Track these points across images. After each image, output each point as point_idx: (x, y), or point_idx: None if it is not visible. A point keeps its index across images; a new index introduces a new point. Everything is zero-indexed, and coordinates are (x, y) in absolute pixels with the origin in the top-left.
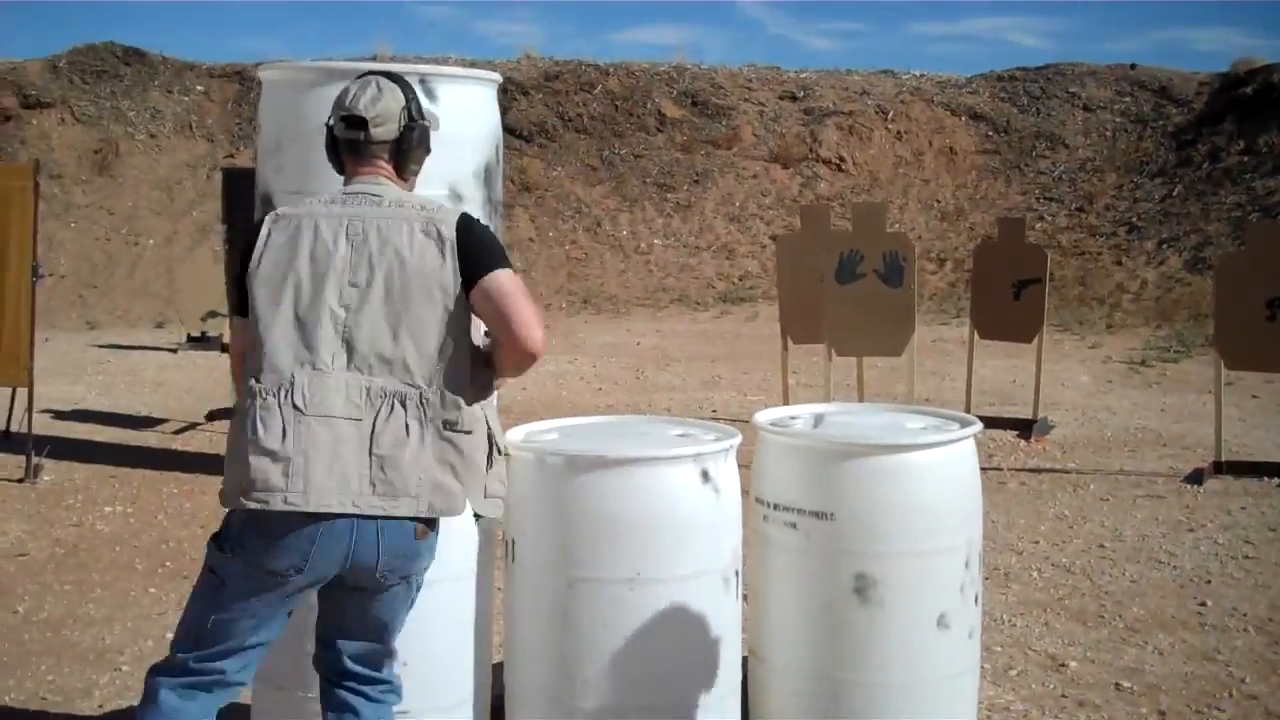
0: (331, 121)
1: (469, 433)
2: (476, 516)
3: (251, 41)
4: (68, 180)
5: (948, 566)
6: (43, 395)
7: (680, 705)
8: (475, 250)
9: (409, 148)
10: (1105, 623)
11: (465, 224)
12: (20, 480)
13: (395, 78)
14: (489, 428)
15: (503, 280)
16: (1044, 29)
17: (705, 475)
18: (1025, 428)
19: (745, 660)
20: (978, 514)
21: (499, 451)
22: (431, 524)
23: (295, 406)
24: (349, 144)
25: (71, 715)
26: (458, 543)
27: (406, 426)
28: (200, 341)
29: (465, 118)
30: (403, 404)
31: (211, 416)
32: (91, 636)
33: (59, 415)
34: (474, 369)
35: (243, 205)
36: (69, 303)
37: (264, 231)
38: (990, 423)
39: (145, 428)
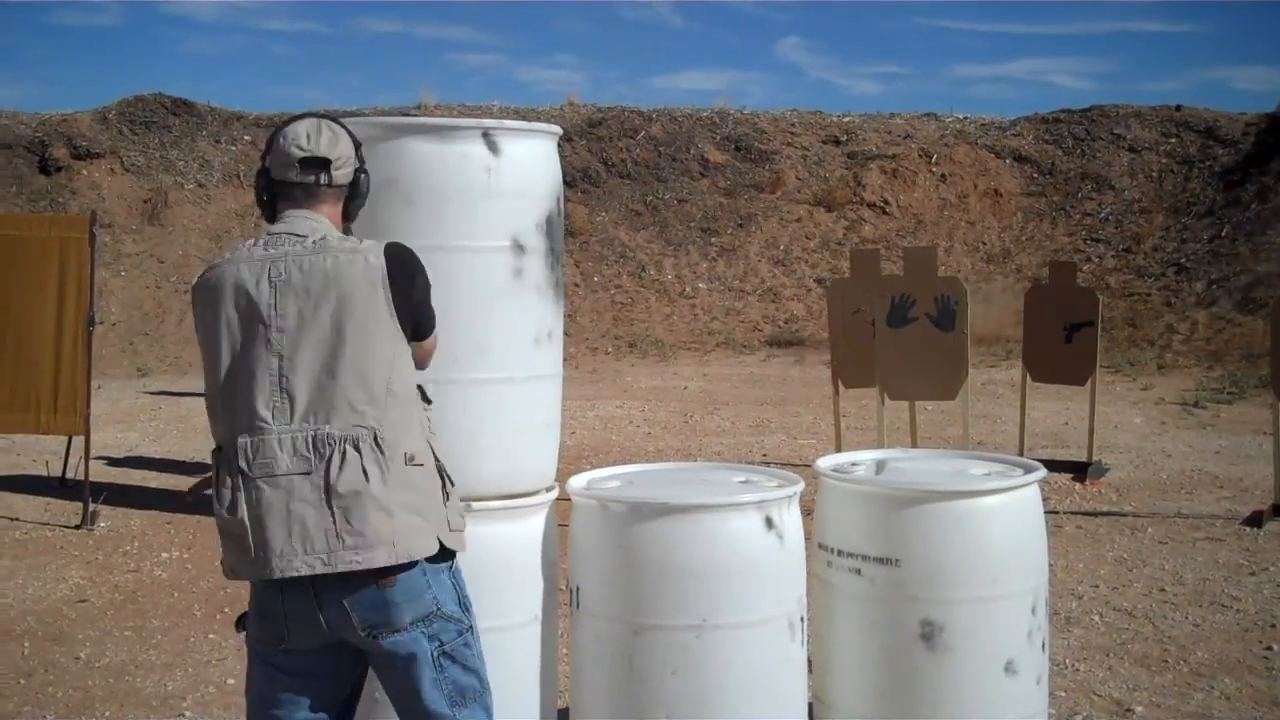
0: (271, 165)
1: (422, 465)
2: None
3: (296, 90)
4: (118, 229)
5: (1015, 612)
6: (97, 442)
7: None
8: (405, 278)
9: (360, 193)
10: (1170, 667)
11: (393, 251)
12: (78, 527)
13: (340, 122)
14: (436, 459)
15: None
16: (1086, 70)
17: (769, 522)
18: (1080, 470)
19: (811, 706)
20: (1043, 560)
21: (450, 482)
22: (404, 567)
23: (241, 472)
24: (301, 188)
25: None
26: (521, 589)
27: (365, 471)
28: None
29: (528, 170)
30: (356, 447)
31: None
32: (153, 683)
33: (113, 462)
34: (417, 398)
35: None
36: (120, 350)
37: (194, 295)
38: (1045, 466)
39: (199, 474)
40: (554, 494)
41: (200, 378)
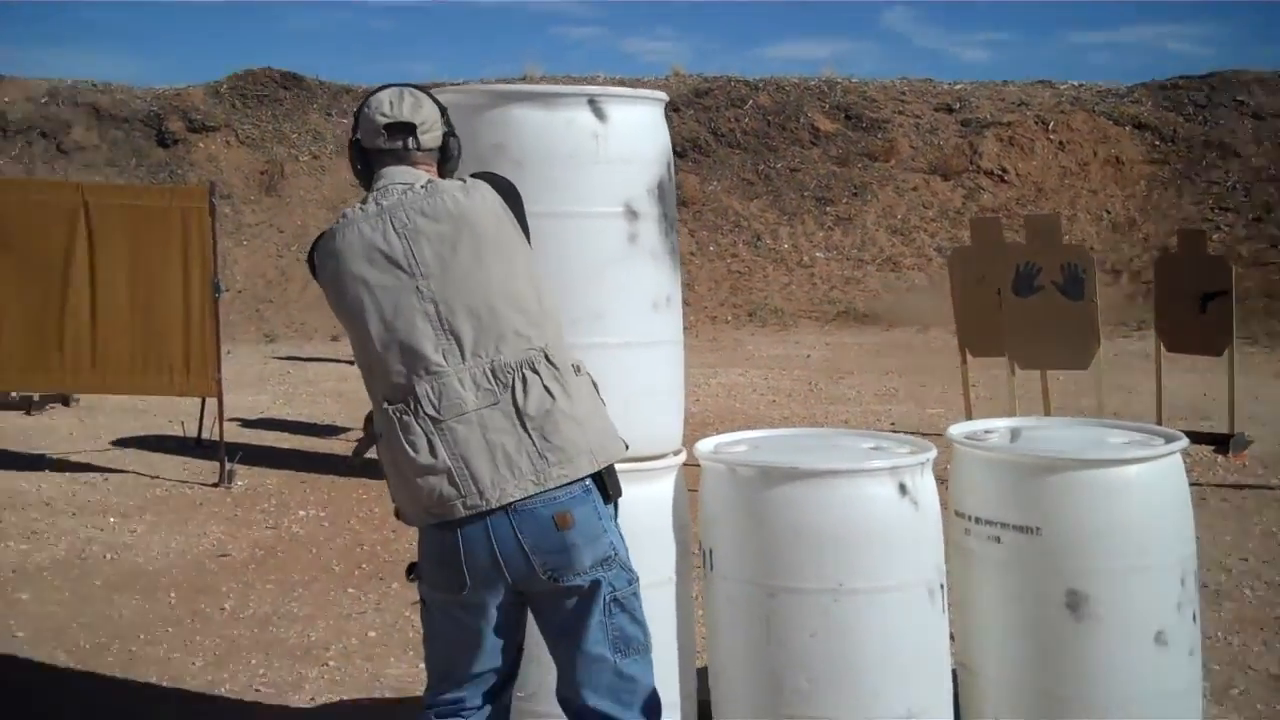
0: (360, 135)
1: (586, 375)
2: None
3: (400, 65)
4: (237, 200)
5: (1163, 583)
6: (229, 405)
7: (892, 716)
8: (514, 197)
9: (450, 155)
10: None
11: (489, 178)
12: (215, 485)
13: (424, 89)
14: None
15: None
16: (1203, 35)
17: (903, 488)
18: (1222, 443)
19: (955, 672)
20: (1190, 531)
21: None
22: (579, 508)
23: (430, 417)
24: (391, 153)
25: (285, 707)
26: (653, 550)
27: (547, 389)
28: None
29: (637, 137)
30: (533, 368)
31: None
32: (297, 633)
33: (247, 424)
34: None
35: None
36: (246, 317)
37: (317, 265)
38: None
39: (330, 436)
40: (681, 458)
41: (325, 344)
